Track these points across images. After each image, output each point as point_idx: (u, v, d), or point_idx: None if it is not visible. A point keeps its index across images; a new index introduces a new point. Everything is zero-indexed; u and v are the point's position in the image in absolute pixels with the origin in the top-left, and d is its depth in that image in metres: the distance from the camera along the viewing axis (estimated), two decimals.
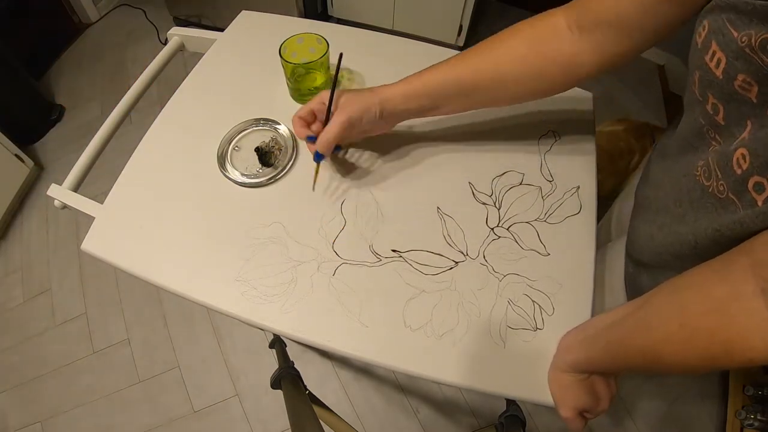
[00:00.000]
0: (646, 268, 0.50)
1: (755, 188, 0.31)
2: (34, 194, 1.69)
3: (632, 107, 1.81)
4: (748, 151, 0.31)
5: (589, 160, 0.60)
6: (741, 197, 0.32)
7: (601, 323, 0.42)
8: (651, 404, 1.22)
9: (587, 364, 0.42)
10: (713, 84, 0.34)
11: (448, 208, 0.56)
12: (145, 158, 0.62)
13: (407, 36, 0.73)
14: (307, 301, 0.50)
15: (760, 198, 0.30)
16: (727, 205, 0.34)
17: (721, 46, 0.32)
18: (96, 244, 0.55)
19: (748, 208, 0.31)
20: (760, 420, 1.05)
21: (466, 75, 0.50)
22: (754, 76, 0.30)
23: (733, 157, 0.32)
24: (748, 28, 0.29)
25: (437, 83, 0.51)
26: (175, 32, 0.78)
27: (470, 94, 0.51)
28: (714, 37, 0.32)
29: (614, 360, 0.39)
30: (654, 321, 0.35)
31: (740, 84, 0.31)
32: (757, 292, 0.28)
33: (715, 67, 0.33)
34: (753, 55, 0.29)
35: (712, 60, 0.33)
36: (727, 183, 0.33)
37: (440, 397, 1.25)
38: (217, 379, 1.30)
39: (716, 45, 0.32)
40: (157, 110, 0.65)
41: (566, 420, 0.43)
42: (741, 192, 0.32)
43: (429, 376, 0.47)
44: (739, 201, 0.33)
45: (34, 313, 1.45)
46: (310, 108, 0.54)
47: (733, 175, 0.33)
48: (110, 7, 2.30)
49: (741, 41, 0.30)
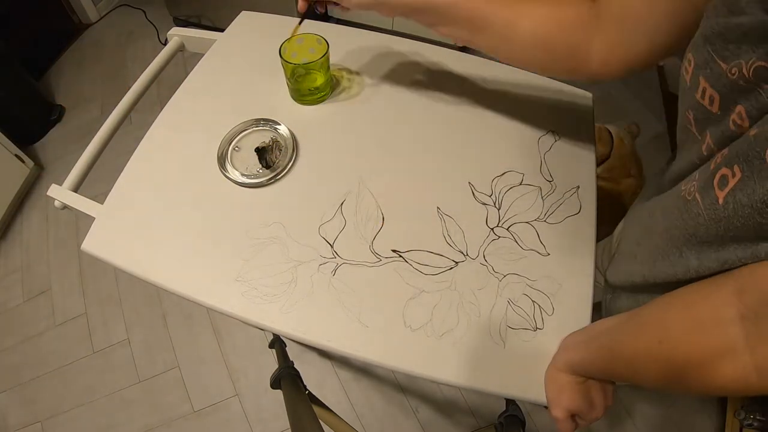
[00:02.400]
0: (625, 292, 0.50)
1: (720, 183, 0.29)
2: (34, 194, 1.69)
3: (631, 108, 1.81)
4: (728, 149, 0.30)
5: (589, 160, 0.61)
6: (705, 196, 0.31)
7: (600, 327, 0.42)
8: (650, 404, 1.22)
9: (581, 366, 0.42)
10: (709, 120, 0.32)
11: (448, 208, 0.56)
12: (145, 158, 0.62)
13: (407, 36, 0.73)
14: (307, 301, 0.50)
15: (721, 195, 0.29)
16: (690, 208, 0.33)
17: (710, 82, 0.30)
18: (96, 244, 0.55)
19: (709, 210, 0.30)
20: (759, 420, 1.04)
21: (483, 6, 0.47)
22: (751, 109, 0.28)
23: (713, 159, 0.32)
24: (737, 57, 0.28)
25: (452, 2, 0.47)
26: (175, 32, 0.78)
27: (477, 29, 0.48)
28: (701, 72, 0.31)
29: (605, 365, 0.39)
30: (638, 333, 0.36)
31: (734, 118, 0.30)
32: (736, 319, 0.28)
33: (709, 104, 0.31)
34: (749, 85, 0.28)
35: (704, 97, 0.31)
36: (698, 183, 0.32)
37: (440, 396, 1.25)
38: (217, 379, 1.30)
39: (705, 81, 0.31)
40: (157, 110, 0.65)
41: (557, 420, 0.43)
42: (706, 189, 0.31)
43: (429, 375, 0.47)
44: (701, 201, 0.31)
45: (34, 313, 1.44)
46: None
47: (707, 171, 0.32)
48: (110, 8, 2.30)
49: (731, 73, 0.28)
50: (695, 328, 0.30)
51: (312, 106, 0.66)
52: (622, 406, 1.21)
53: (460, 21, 0.48)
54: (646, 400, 1.23)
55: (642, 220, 0.45)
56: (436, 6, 0.48)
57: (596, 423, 1.18)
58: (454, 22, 0.49)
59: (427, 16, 0.49)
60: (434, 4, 0.48)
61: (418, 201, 0.57)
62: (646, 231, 0.43)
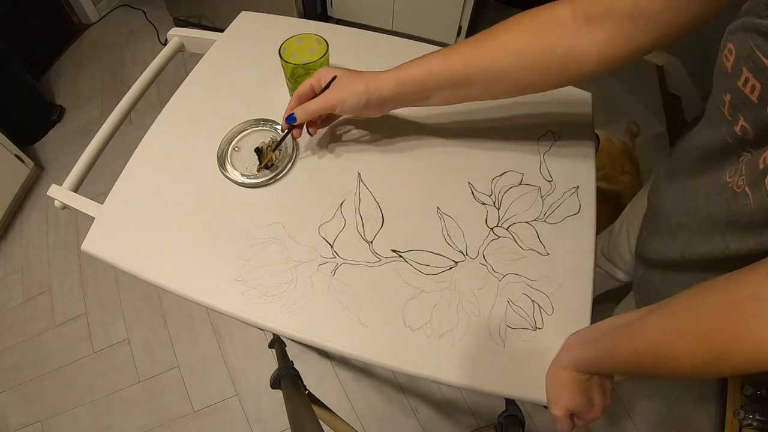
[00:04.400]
0: (660, 268, 0.50)
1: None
2: (34, 194, 1.69)
3: (631, 108, 1.81)
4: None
5: (589, 160, 0.61)
6: (755, 191, 0.32)
7: (611, 325, 0.42)
8: (650, 404, 1.22)
9: (593, 362, 0.42)
10: (746, 106, 0.33)
11: (448, 208, 0.57)
12: (145, 159, 0.62)
13: (407, 37, 0.73)
14: (306, 301, 0.51)
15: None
16: (739, 198, 0.34)
17: (753, 74, 0.31)
18: (96, 244, 0.55)
19: (758, 202, 0.32)
20: (758, 420, 1.05)
21: (458, 67, 0.49)
22: None
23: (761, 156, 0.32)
24: None
25: (429, 73, 0.50)
26: (174, 33, 0.78)
27: (463, 86, 0.50)
28: (744, 63, 0.32)
29: (624, 358, 0.39)
30: (670, 319, 0.35)
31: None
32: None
33: (750, 92, 0.32)
34: None
35: (746, 86, 0.32)
36: (748, 178, 0.33)
37: (440, 396, 1.25)
38: (216, 379, 1.30)
39: (748, 71, 0.32)
40: (157, 110, 0.65)
41: (556, 419, 0.43)
42: (757, 185, 0.32)
43: (428, 375, 0.47)
44: (752, 195, 0.33)
45: (34, 313, 1.45)
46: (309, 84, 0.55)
47: (755, 170, 0.32)
48: (110, 8, 2.30)
49: None
50: (733, 307, 0.31)
51: None
52: (621, 406, 1.22)
53: (441, 87, 0.50)
54: (646, 399, 1.23)
55: (680, 203, 0.45)
56: (412, 83, 0.50)
57: (596, 422, 1.18)
58: (435, 89, 0.51)
59: (411, 95, 0.52)
60: (410, 83, 0.50)
61: (417, 201, 0.57)
62: (686, 213, 0.43)
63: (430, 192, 0.58)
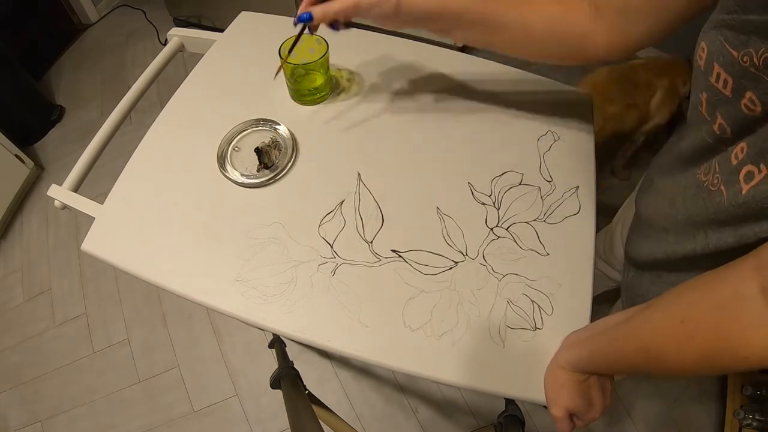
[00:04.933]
0: (648, 269, 0.50)
1: (745, 177, 0.32)
2: (34, 194, 1.69)
3: None
4: (747, 144, 0.32)
5: (588, 160, 0.61)
6: (729, 187, 0.33)
7: (606, 323, 0.42)
8: (649, 404, 1.22)
9: (589, 362, 0.42)
10: (722, 102, 0.34)
11: (448, 208, 0.57)
12: (145, 159, 0.62)
13: (407, 37, 0.73)
14: (306, 301, 0.51)
15: (746, 187, 0.31)
16: (714, 196, 0.35)
17: (724, 68, 0.32)
18: (96, 244, 0.56)
19: (732, 197, 0.33)
20: (758, 420, 1.05)
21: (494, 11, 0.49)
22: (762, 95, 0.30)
23: (733, 151, 0.33)
24: (747, 47, 0.30)
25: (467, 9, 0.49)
26: (174, 33, 0.78)
27: (491, 31, 0.50)
28: (715, 59, 0.33)
29: (617, 358, 0.39)
30: (658, 317, 0.36)
31: (746, 103, 0.31)
32: (758, 293, 0.28)
33: (722, 87, 0.33)
34: (759, 73, 0.30)
35: (719, 81, 0.33)
36: (722, 175, 0.34)
37: (439, 396, 1.25)
38: (216, 379, 1.30)
39: (719, 66, 0.33)
40: (157, 110, 0.65)
41: (555, 419, 0.43)
42: (731, 182, 0.33)
43: (428, 375, 0.47)
44: (726, 191, 0.34)
45: (34, 313, 1.45)
46: None
47: (729, 166, 0.33)
48: (110, 8, 2.30)
49: (743, 61, 0.30)
50: (719, 305, 0.31)
51: (312, 106, 0.67)
52: (621, 406, 1.22)
53: (474, 24, 0.50)
54: (646, 399, 1.23)
55: (661, 207, 0.47)
56: (450, 12, 0.49)
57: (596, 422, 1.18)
58: (468, 26, 0.50)
59: (441, 22, 0.50)
60: (447, 11, 0.49)
61: (417, 201, 0.57)
62: (667, 216, 0.45)
63: (429, 192, 0.58)
